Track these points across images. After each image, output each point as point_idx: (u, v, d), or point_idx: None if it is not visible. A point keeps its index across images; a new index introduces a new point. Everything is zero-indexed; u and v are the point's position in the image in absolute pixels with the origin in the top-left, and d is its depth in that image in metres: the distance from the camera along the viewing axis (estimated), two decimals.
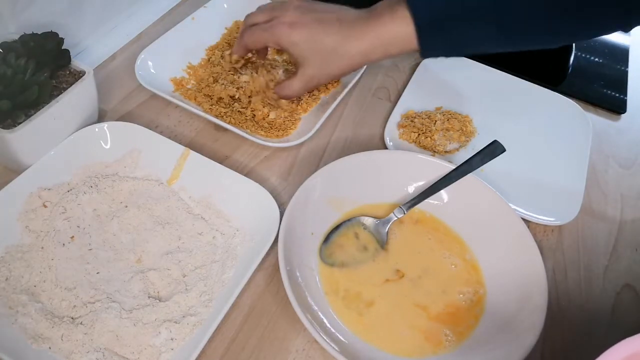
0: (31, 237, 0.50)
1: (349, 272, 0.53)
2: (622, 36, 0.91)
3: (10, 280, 0.47)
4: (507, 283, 0.53)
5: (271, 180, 0.60)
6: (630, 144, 0.74)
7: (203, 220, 0.54)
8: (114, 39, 0.71)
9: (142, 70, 0.64)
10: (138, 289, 0.49)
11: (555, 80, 0.80)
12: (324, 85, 0.69)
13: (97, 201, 0.54)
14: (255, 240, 0.52)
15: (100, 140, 0.57)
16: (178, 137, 0.62)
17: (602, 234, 0.62)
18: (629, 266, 0.60)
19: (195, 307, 0.48)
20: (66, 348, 0.44)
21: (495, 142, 0.57)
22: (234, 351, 0.47)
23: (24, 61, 0.50)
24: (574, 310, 0.55)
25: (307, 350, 0.48)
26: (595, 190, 0.66)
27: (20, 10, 0.57)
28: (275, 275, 0.52)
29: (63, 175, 0.54)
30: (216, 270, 0.51)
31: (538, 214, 0.60)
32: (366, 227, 0.56)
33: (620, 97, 0.80)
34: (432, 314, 0.51)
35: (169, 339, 0.46)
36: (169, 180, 0.57)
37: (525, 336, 0.47)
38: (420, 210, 0.58)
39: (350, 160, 0.57)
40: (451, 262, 0.55)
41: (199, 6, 0.73)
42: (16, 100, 0.49)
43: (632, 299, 0.57)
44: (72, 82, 0.54)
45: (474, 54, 0.58)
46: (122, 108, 0.64)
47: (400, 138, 0.66)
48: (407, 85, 0.72)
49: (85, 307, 0.47)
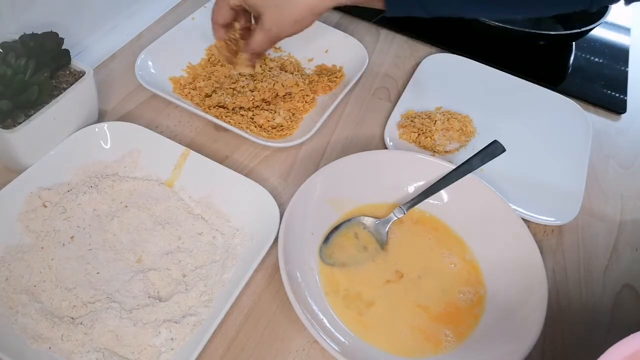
0: (31, 237, 0.50)
1: (349, 272, 0.53)
2: (622, 36, 0.91)
3: (10, 280, 0.47)
4: (507, 283, 0.53)
5: (271, 180, 0.60)
6: (630, 144, 0.74)
7: (203, 220, 0.54)
8: (114, 39, 0.71)
9: (142, 70, 0.64)
10: (138, 289, 0.49)
11: (555, 80, 0.80)
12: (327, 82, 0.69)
13: (97, 201, 0.54)
14: (255, 240, 0.52)
15: (100, 140, 0.57)
16: (178, 137, 0.62)
17: (602, 234, 0.62)
18: (629, 266, 0.60)
19: (195, 307, 0.48)
20: (66, 348, 0.44)
21: (495, 142, 0.57)
22: (234, 351, 0.47)
23: (24, 61, 0.50)
24: (574, 310, 0.55)
25: (307, 350, 0.48)
26: (595, 190, 0.66)
27: (20, 10, 0.57)
28: (275, 275, 0.52)
29: (63, 175, 0.54)
30: (216, 270, 0.51)
31: (538, 214, 0.60)
32: (366, 227, 0.56)
33: (620, 97, 0.80)
34: (432, 314, 0.51)
35: (169, 339, 0.46)
36: (169, 180, 0.57)
37: (526, 336, 0.47)
38: (420, 210, 0.58)
39: (350, 160, 0.57)
40: (451, 262, 0.55)
41: (199, 6, 0.73)
42: (16, 100, 0.49)
43: (632, 299, 0.57)
44: (72, 82, 0.54)
45: (443, 16, 0.56)
46: (122, 108, 0.64)
47: (400, 138, 0.66)
48: (407, 85, 0.72)
49: (85, 307, 0.47)
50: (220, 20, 0.61)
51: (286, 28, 0.58)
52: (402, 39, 0.82)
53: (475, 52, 0.79)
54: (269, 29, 0.58)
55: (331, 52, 0.74)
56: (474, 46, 0.80)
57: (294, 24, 0.58)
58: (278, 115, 0.64)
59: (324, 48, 0.74)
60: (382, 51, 0.79)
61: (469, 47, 0.80)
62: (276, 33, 0.59)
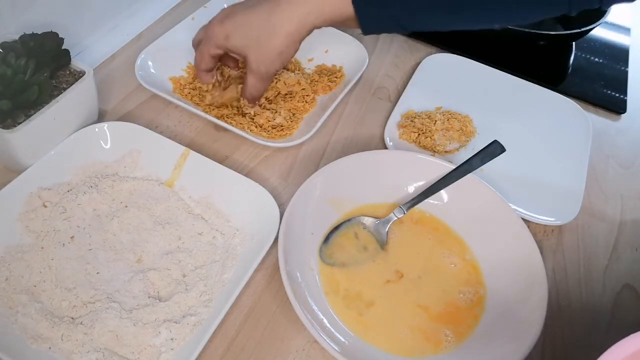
0: (31, 237, 0.50)
1: (349, 272, 0.53)
2: (622, 36, 0.91)
3: (10, 280, 0.47)
4: (507, 283, 0.53)
5: (271, 180, 0.60)
6: (630, 144, 0.74)
7: (203, 220, 0.54)
8: (114, 39, 0.71)
9: (142, 70, 0.64)
10: (138, 289, 0.49)
11: (555, 80, 0.80)
12: (320, 88, 0.69)
13: (97, 201, 0.54)
14: (255, 240, 0.52)
15: (100, 140, 0.57)
16: (178, 137, 0.62)
17: (602, 234, 0.62)
18: (629, 266, 0.60)
19: (195, 307, 0.48)
20: (66, 348, 0.44)
21: (495, 142, 0.57)
22: (234, 351, 0.47)
23: (24, 61, 0.50)
24: (574, 310, 0.55)
25: (307, 350, 0.48)
26: (595, 190, 0.66)
27: (20, 10, 0.57)
28: (275, 275, 0.52)
29: (63, 175, 0.54)
30: (216, 270, 0.51)
31: (538, 214, 0.60)
32: (366, 227, 0.56)
33: (620, 97, 0.80)
34: (432, 314, 0.51)
35: (169, 339, 0.46)
36: (169, 180, 0.57)
37: (526, 336, 0.47)
38: (420, 210, 0.58)
39: (350, 160, 0.57)
40: (451, 262, 0.55)
41: (199, 6, 0.73)
42: (16, 100, 0.49)
43: (632, 299, 0.57)
44: (72, 82, 0.54)
45: (419, 30, 0.57)
46: (122, 108, 0.64)
47: (400, 138, 0.66)
48: (407, 85, 0.72)
49: (85, 307, 0.47)
50: (203, 67, 0.62)
51: (272, 63, 0.58)
52: (402, 39, 0.82)
53: (475, 52, 0.79)
54: (257, 69, 0.58)
55: (331, 52, 0.74)
56: (474, 46, 0.80)
57: (278, 56, 0.57)
58: (278, 115, 0.64)
59: (324, 48, 0.74)
60: (382, 51, 0.79)
61: (469, 47, 0.80)
62: (265, 71, 0.59)
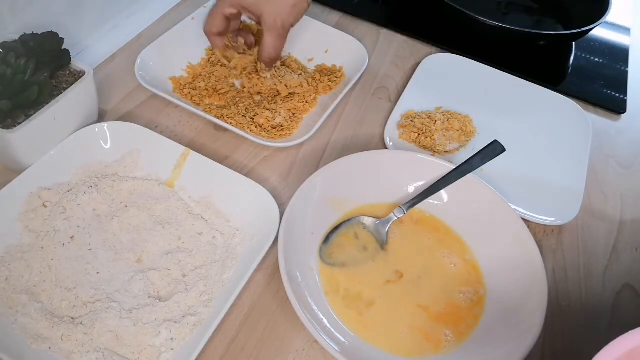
0: (31, 237, 0.50)
1: (349, 272, 0.53)
2: (622, 36, 0.91)
3: (10, 280, 0.47)
4: (507, 283, 0.53)
5: (271, 180, 0.60)
6: (630, 144, 0.74)
7: (203, 220, 0.54)
8: (114, 39, 0.71)
9: (142, 70, 0.64)
10: (138, 289, 0.49)
11: (555, 80, 0.80)
12: (327, 80, 0.69)
13: (97, 201, 0.54)
14: (255, 240, 0.52)
15: (100, 140, 0.57)
16: (178, 137, 0.62)
17: (602, 234, 0.62)
18: (629, 266, 0.60)
19: (195, 307, 0.48)
20: (66, 348, 0.44)
21: (495, 142, 0.57)
22: (234, 351, 0.47)
23: (24, 61, 0.50)
24: (574, 310, 0.55)
25: (307, 350, 0.48)
26: (595, 190, 0.66)
27: (20, 10, 0.57)
28: (275, 275, 0.52)
29: (63, 175, 0.54)
30: (216, 270, 0.51)
31: (538, 214, 0.60)
32: (366, 227, 0.56)
33: (620, 97, 0.80)
34: (432, 314, 0.51)
35: (169, 339, 0.46)
36: (169, 180, 0.57)
37: (526, 336, 0.47)
38: (420, 210, 0.58)
39: (350, 160, 0.57)
40: (451, 262, 0.55)
41: (199, 6, 0.73)
42: (16, 100, 0.49)
43: (632, 299, 0.57)
44: (72, 82, 0.54)
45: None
46: (122, 108, 0.64)
47: (400, 138, 0.66)
48: (407, 85, 0.72)
49: (85, 307, 0.47)
50: (214, 30, 0.64)
51: (288, 15, 0.60)
52: (402, 39, 0.82)
53: (475, 52, 0.79)
54: (274, 23, 0.60)
55: (331, 52, 0.74)
56: (474, 46, 0.80)
57: (293, 8, 0.60)
58: (278, 115, 0.64)
59: (324, 48, 0.74)
60: (382, 51, 0.79)
61: (469, 47, 0.80)
62: (281, 25, 0.60)
